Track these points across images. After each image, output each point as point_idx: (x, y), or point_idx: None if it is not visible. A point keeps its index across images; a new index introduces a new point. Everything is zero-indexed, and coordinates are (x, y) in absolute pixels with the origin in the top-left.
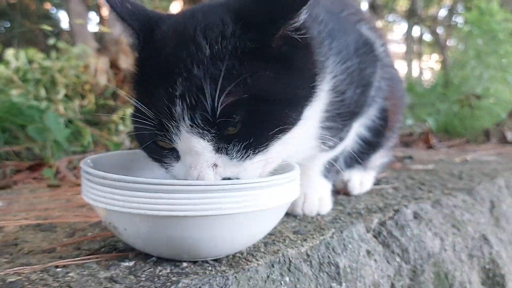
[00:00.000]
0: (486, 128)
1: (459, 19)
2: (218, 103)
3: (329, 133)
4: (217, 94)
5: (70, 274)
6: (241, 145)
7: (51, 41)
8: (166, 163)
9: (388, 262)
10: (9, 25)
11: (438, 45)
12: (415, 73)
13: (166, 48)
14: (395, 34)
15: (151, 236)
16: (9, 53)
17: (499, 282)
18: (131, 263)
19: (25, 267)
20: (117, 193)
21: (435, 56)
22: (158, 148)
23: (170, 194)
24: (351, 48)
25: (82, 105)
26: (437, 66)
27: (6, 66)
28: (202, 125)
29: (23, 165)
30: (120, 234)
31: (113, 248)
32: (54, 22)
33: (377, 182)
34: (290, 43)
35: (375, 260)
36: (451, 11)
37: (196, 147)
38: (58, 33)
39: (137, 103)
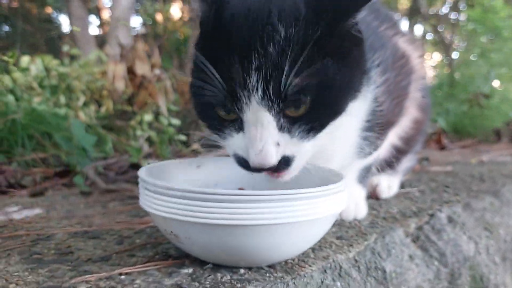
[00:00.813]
0: (497, 128)
1: (462, 17)
2: (291, 81)
3: (367, 142)
4: (292, 73)
5: (137, 282)
6: (305, 127)
7: (65, 48)
8: (225, 133)
9: (427, 266)
10: (10, 30)
11: (441, 44)
12: None
13: (240, 25)
14: None
15: (212, 244)
16: (25, 60)
17: None
18: (190, 270)
19: (90, 275)
20: (182, 203)
21: (439, 55)
22: (219, 117)
23: (232, 204)
24: (389, 61)
25: (99, 111)
26: (442, 65)
27: (24, 74)
28: (273, 99)
29: (50, 172)
30: (181, 242)
31: (167, 255)
32: (56, 26)
33: (402, 185)
34: (350, 36)
35: (417, 264)
36: (454, 9)
37: (263, 119)
38: (59, 36)
39: (208, 70)
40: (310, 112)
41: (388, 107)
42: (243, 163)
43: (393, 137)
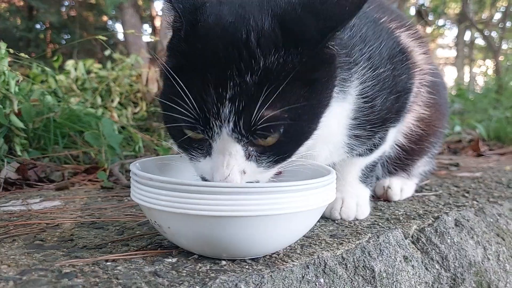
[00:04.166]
0: None
1: None
2: (263, 115)
3: (357, 142)
4: (266, 106)
5: (118, 268)
6: (273, 158)
7: (107, 52)
8: (193, 155)
9: (426, 269)
10: (69, 37)
11: (490, 49)
12: (466, 79)
13: (215, 45)
14: (446, 39)
15: (192, 234)
16: (69, 63)
17: None
18: (174, 260)
19: (78, 259)
20: (161, 193)
21: (488, 61)
22: (188, 138)
23: (211, 195)
24: (385, 55)
25: (134, 112)
26: (490, 71)
27: (66, 76)
28: (243, 131)
29: (80, 168)
30: (164, 232)
31: (158, 245)
32: (111, 34)
33: (420, 189)
34: (324, 56)
35: (413, 266)
36: (505, 14)
37: (232, 148)
38: (114, 43)
39: (181, 92)
40: (280, 143)
41: (382, 103)
42: None
43: (397, 135)
